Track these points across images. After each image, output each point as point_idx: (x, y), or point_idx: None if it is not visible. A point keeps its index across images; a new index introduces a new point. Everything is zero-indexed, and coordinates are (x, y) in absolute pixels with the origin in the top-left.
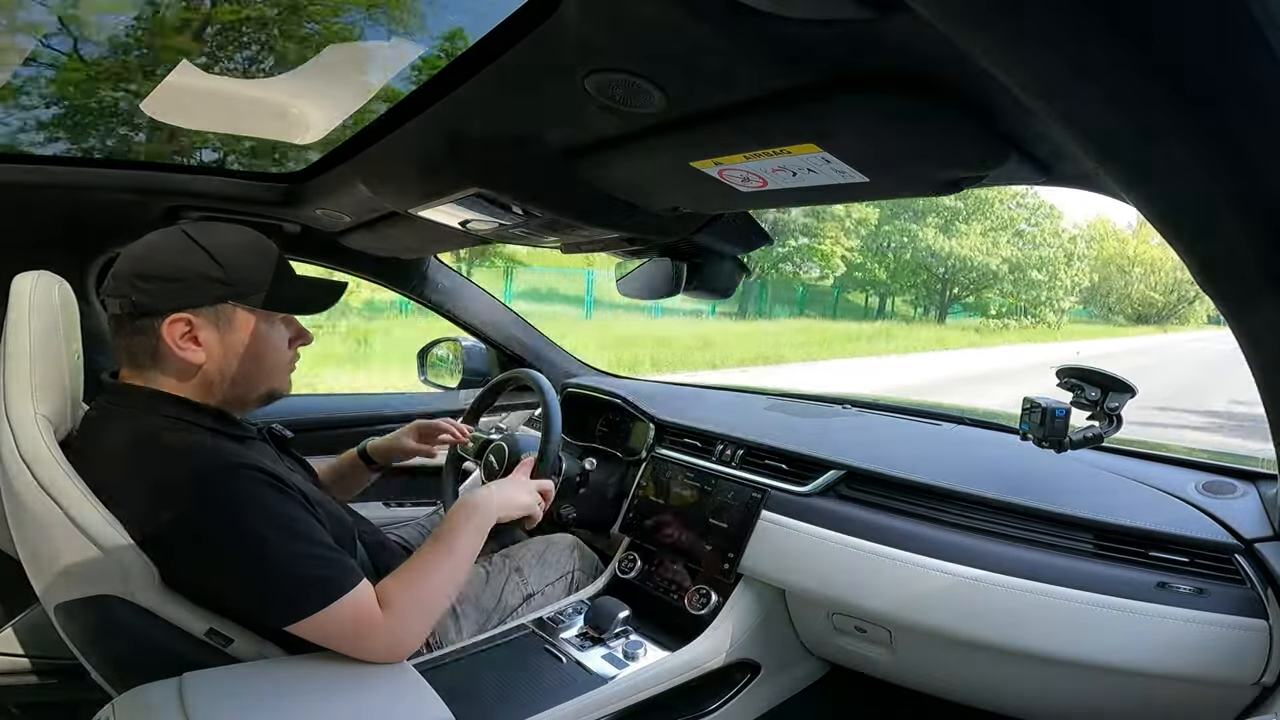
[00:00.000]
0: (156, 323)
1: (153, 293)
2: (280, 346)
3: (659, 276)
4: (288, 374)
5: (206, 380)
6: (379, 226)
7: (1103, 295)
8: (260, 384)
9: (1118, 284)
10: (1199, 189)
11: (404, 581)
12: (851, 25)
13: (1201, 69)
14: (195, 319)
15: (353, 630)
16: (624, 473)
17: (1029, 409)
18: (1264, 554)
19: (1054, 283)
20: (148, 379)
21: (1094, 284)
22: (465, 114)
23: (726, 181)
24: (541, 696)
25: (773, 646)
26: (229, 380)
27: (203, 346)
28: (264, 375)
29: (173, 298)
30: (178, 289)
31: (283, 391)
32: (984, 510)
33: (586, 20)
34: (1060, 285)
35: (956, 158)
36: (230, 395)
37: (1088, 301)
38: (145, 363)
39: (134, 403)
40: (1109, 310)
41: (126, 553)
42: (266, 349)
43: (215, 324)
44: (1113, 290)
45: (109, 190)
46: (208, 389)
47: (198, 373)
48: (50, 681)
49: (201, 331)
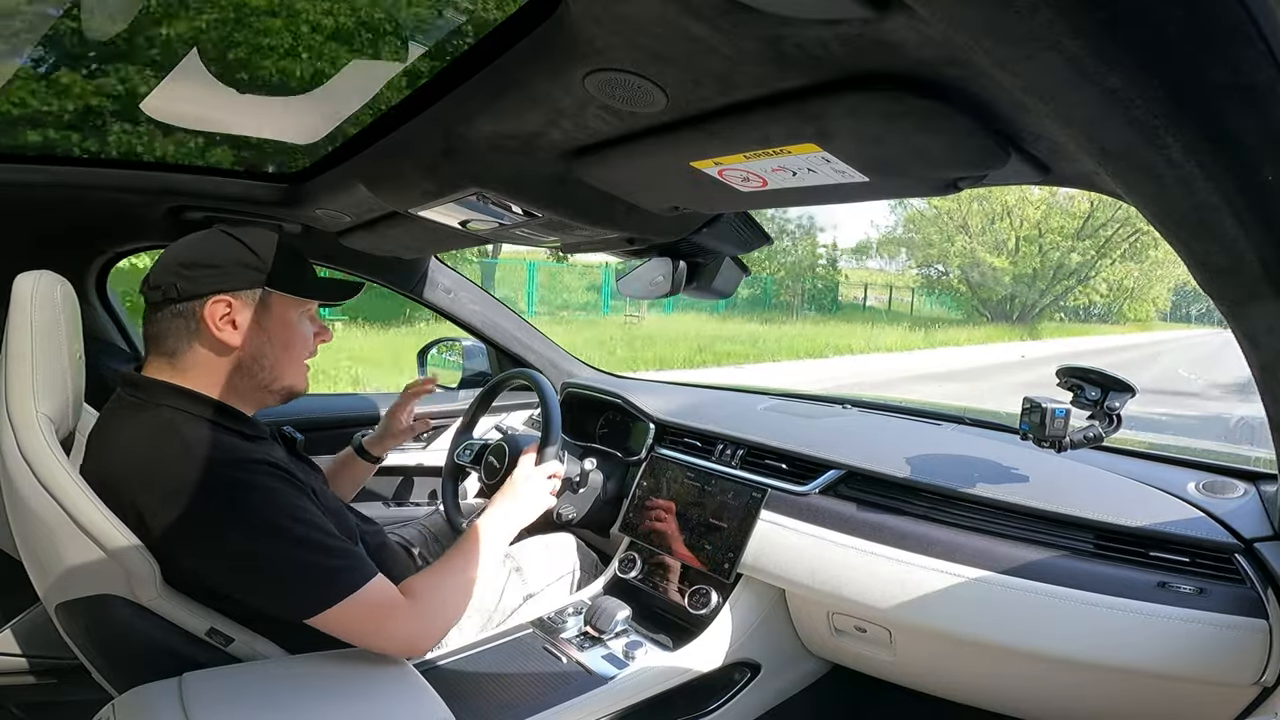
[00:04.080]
0: (198, 305)
1: (196, 278)
2: (307, 338)
3: (659, 276)
4: (306, 372)
5: (236, 365)
6: (379, 226)
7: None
8: (284, 375)
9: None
10: (1198, 190)
11: (432, 577)
12: (852, 25)
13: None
14: (235, 301)
15: (378, 618)
16: (624, 473)
17: (1029, 409)
18: (1264, 554)
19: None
20: (176, 368)
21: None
22: (465, 114)
23: (726, 181)
24: (542, 696)
25: (773, 646)
26: (260, 367)
27: (238, 329)
28: (289, 365)
29: (215, 281)
30: (219, 274)
31: (300, 390)
32: (984, 510)
33: (587, 20)
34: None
35: (956, 157)
36: (254, 385)
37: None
38: (181, 347)
39: (155, 396)
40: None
41: (128, 552)
42: (295, 337)
43: (252, 307)
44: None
45: (110, 190)
46: (233, 378)
47: (229, 355)
48: (51, 681)
49: (239, 314)
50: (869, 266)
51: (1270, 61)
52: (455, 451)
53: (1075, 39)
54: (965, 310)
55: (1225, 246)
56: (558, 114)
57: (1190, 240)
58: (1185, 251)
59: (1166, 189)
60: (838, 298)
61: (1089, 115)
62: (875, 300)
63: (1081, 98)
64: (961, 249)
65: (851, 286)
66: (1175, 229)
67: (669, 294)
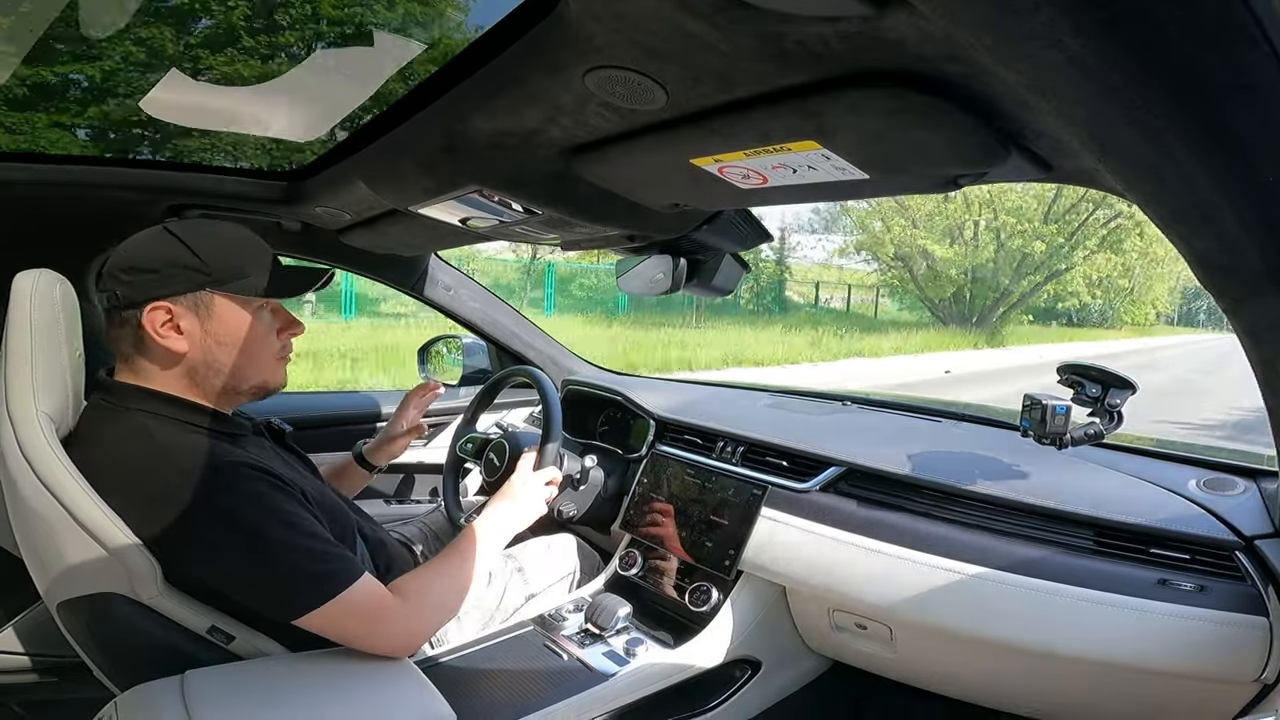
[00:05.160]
0: (138, 313)
1: (134, 284)
2: (266, 336)
3: (659, 273)
4: (279, 366)
5: (191, 371)
6: (379, 224)
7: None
8: (249, 375)
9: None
10: (1199, 188)
11: (424, 577)
12: (852, 22)
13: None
14: (174, 307)
15: (366, 618)
16: (624, 470)
17: (1029, 406)
18: (1264, 551)
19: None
20: (138, 373)
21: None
22: (465, 112)
23: (727, 179)
24: (543, 693)
25: (773, 643)
26: (215, 371)
27: (184, 335)
28: (252, 366)
29: (151, 287)
30: (155, 279)
31: (275, 384)
32: (984, 507)
33: (586, 17)
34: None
35: (957, 154)
36: (219, 387)
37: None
38: (131, 354)
39: (125, 400)
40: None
41: (128, 550)
42: (250, 337)
43: (195, 311)
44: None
45: (110, 188)
46: (194, 381)
47: (181, 362)
48: (53, 680)
49: (182, 320)
50: (854, 266)
51: (1273, 62)
52: (458, 445)
53: (1076, 38)
54: (922, 312)
55: (1227, 245)
56: (557, 111)
57: (1191, 237)
58: (1186, 248)
59: (1168, 187)
60: (783, 296)
61: (1090, 113)
62: (857, 301)
63: (1082, 96)
64: (900, 236)
65: (804, 285)
66: (1176, 226)
67: (669, 291)
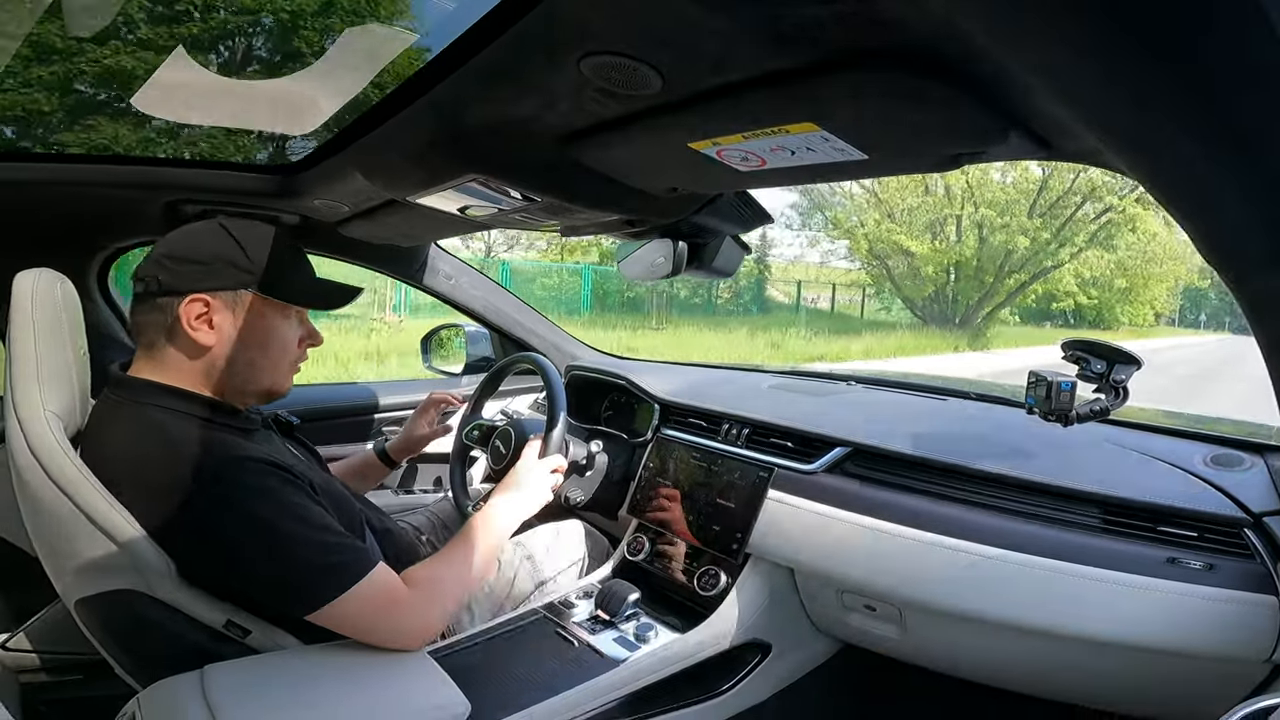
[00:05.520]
0: (175, 301)
1: (178, 272)
2: (289, 342)
3: (660, 257)
4: (290, 373)
5: (212, 366)
6: (378, 215)
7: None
8: (262, 377)
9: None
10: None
11: (433, 567)
12: (848, 3)
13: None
14: (213, 301)
15: (379, 611)
16: (630, 455)
17: (1034, 382)
18: (1273, 528)
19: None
20: (157, 364)
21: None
22: (460, 100)
23: (725, 162)
24: (554, 680)
25: (783, 626)
26: (234, 369)
27: (215, 330)
28: (270, 369)
29: (196, 279)
30: (202, 271)
31: (282, 390)
32: (990, 486)
33: (581, 3)
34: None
35: (956, 134)
36: (231, 385)
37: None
38: (156, 341)
39: (139, 395)
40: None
41: (142, 546)
42: (275, 340)
43: (231, 309)
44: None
45: (108, 186)
46: (211, 375)
47: (204, 356)
48: (75, 677)
49: (217, 315)
50: (836, 265)
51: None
52: (463, 433)
53: (1074, 17)
54: (902, 312)
55: (1230, 222)
56: (553, 98)
57: (1195, 215)
58: (1190, 226)
59: (1171, 166)
60: (763, 295)
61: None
62: (845, 301)
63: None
64: (875, 232)
65: (789, 284)
66: (1180, 204)
67: (670, 275)
